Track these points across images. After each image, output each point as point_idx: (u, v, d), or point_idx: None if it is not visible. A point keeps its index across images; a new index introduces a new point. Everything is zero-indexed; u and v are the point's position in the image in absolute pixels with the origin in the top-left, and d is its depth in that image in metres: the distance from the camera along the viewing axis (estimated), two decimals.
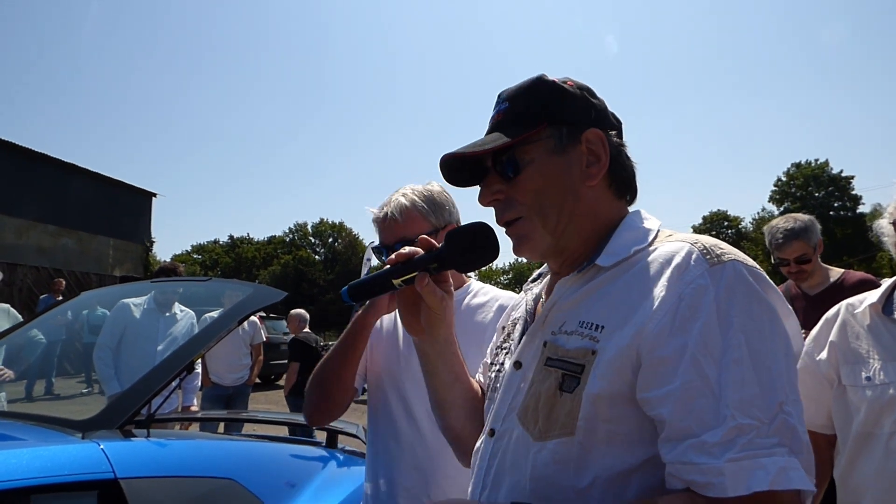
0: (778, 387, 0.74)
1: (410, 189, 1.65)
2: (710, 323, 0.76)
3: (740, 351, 0.75)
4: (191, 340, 2.27)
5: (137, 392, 2.02)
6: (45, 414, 2.12)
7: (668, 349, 0.77)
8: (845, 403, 1.69)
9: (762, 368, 0.75)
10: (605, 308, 0.86)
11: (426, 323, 1.04)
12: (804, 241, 2.94)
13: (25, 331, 3.65)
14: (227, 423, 5.27)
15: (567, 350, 0.87)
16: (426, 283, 0.97)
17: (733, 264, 0.80)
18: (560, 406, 0.85)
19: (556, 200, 0.94)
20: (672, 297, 0.79)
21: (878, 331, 1.65)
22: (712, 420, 0.72)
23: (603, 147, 0.94)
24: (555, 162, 0.94)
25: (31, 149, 19.01)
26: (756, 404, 0.72)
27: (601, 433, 0.81)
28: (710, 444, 0.71)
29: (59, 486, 1.51)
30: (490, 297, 1.68)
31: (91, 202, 21.44)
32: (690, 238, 0.86)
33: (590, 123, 0.95)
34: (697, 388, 0.74)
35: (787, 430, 0.73)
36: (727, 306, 0.77)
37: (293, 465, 2.21)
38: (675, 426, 0.75)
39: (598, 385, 0.81)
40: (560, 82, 0.97)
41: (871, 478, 1.59)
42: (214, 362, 5.68)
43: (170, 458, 1.83)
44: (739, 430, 0.71)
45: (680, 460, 0.74)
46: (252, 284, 2.64)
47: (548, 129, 0.94)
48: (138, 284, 5.65)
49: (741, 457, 0.70)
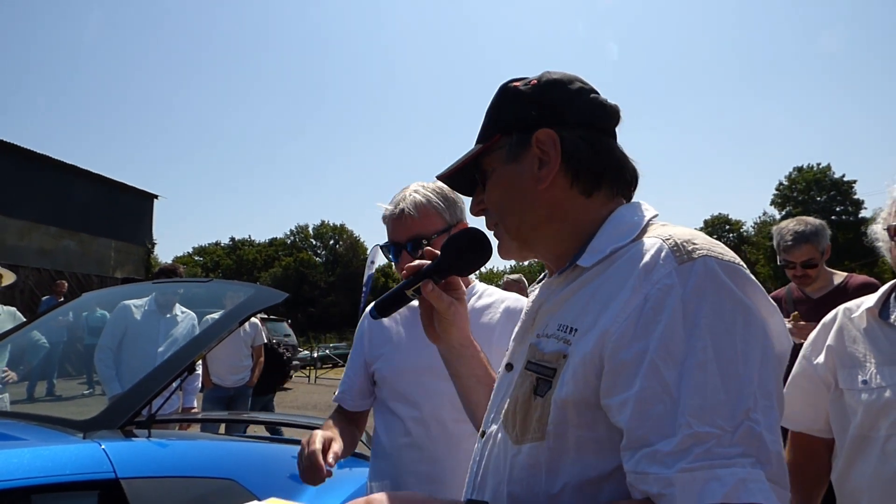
0: (746, 393, 0.69)
1: (422, 186, 1.65)
2: (673, 325, 0.71)
3: (705, 354, 0.69)
4: (192, 341, 2.27)
5: (138, 392, 2.02)
6: (46, 414, 2.12)
7: (628, 353, 0.73)
8: (842, 407, 1.69)
9: (729, 373, 0.69)
10: (579, 310, 0.84)
11: (439, 328, 1.10)
12: (813, 246, 2.92)
13: (27, 332, 3.65)
14: (228, 423, 5.27)
15: (543, 353, 0.86)
16: (430, 289, 1.03)
17: (704, 260, 0.74)
18: (533, 410, 0.83)
19: (514, 208, 0.95)
20: (638, 298, 0.75)
21: (875, 335, 1.66)
22: (669, 428, 0.68)
23: (554, 147, 0.90)
24: (509, 170, 0.94)
25: (32, 150, 19.06)
26: (719, 411, 0.67)
27: (571, 439, 0.79)
28: (664, 454, 0.67)
29: (61, 486, 1.51)
30: (495, 298, 1.69)
31: (93, 204, 21.48)
32: (665, 233, 0.81)
33: (541, 124, 0.92)
34: (655, 394, 0.70)
35: (753, 438, 0.67)
36: (695, 306, 0.72)
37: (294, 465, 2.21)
38: (632, 434, 0.71)
39: (565, 390, 0.79)
40: (523, 84, 0.96)
41: (868, 481, 1.60)
42: (216, 364, 5.68)
43: (170, 458, 1.83)
44: (696, 439, 0.66)
45: (635, 470, 0.70)
46: (253, 286, 2.64)
47: (502, 139, 0.96)
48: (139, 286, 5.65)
49: (695, 467, 0.65)
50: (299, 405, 12.21)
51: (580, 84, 0.95)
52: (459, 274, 1.07)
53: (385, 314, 1.08)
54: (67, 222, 20.39)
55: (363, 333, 1.76)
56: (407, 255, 1.56)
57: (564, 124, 0.92)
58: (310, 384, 17.22)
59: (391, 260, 1.64)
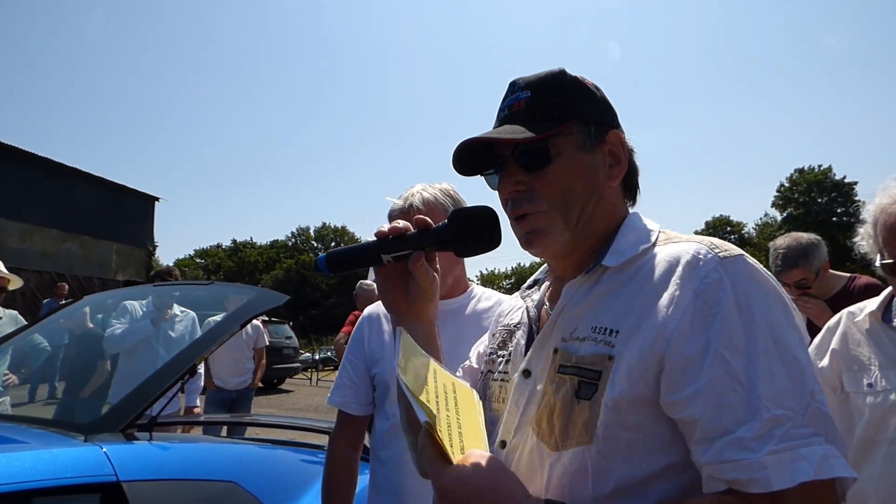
0: (807, 376, 0.73)
1: (429, 185, 1.67)
2: (730, 316, 0.75)
3: (766, 342, 0.73)
4: (194, 343, 2.27)
5: (140, 395, 2.03)
6: (48, 417, 2.12)
7: (691, 348, 0.75)
8: (848, 410, 1.70)
9: (789, 359, 0.73)
10: (617, 312, 0.84)
11: (414, 303, 1.00)
12: (803, 269, 2.82)
13: (28, 335, 3.65)
14: (230, 426, 5.27)
15: (581, 356, 0.84)
16: (421, 263, 0.94)
17: (742, 258, 0.80)
18: (578, 414, 0.82)
19: (582, 197, 0.92)
20: (688, 294, 0.78)
21: (879, 338, 1.67)
22: (745, 414, 0.70)
23: (623, 149, 0.96)
24: (583, 159, 0.93)
25: (34, 153, 19.11)
26: (788, 395, 0.71)
27: (621, 441, 0.78)
28: (748, 439, 0.69)
29: (62, 489, 1.51)
30: (494, 301, 1.68)
31: (94, 207, 21.53)
32: (697, 238, 0.86)
33: (611, 125, 0.97)
34: (725, 382, 0.72)
35: (822, 418, 0.71)
36: (746, 298, 0.76)
37: (295, 468, 2.21)
38: (707, 425, 0.72)
39: (617, 391, 0.78)
40: (581, 79, 0.97)
41: (874, 483, 1.60)
42: (218, 366, 5.68)
43: (172, 460, 1.83)
44: (775, 422, 0.69)
45: (718, 460, 0.71)
46: (255, 288, 2.65)
47: (577, 126, 0.93)
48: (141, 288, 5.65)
49: (781, 448, 0.68)
50: (301, 407, 12.21)
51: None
52: (459, 252, 0.96)
53: (340, 270, 0.95)
54: (69, 225, 20.43)
55: (362, 337, 1.75)
56: None
57: (622, 132, 0.98)
58: (311, 386, 17.22)
59: None
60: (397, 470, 1.59)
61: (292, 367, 16.44)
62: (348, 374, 1.72)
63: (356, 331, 1.77)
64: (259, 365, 6.01)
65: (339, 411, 1.73)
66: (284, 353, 15.64)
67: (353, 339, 1.76)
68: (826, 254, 2.89)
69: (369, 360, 1.71)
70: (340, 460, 1.70)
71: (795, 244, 2.86)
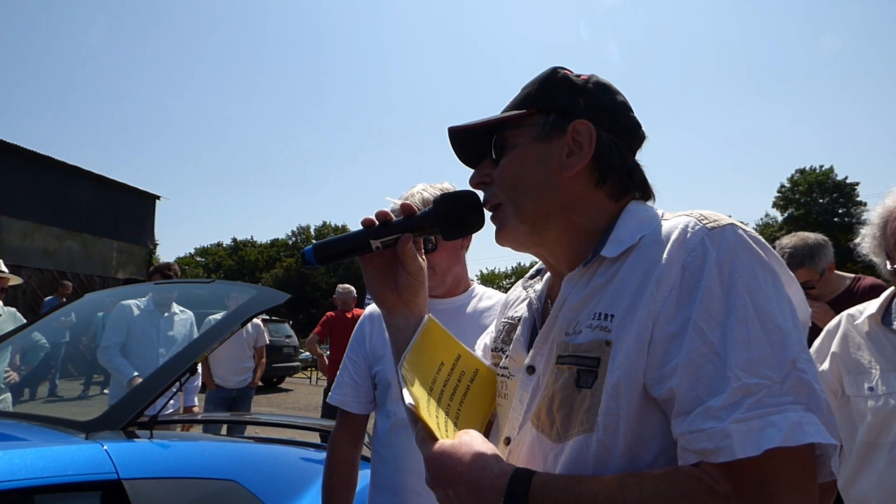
0: (789, 343, 0.71)
1: (430, 185, 1.67)
2: (711, 286, 0.74)
3: (745, 311, 0.72)
4: (194, 342, 2.27)
5: (140, 393, 2.03)
6: (48, 415, 2.12)
7: (674, 325, 0.74)
8: (849, 414, 1.69)
9: (771, 326, 0.71)
10: (611, 297, 0.83)
11: (404, 293, 1.00)
12: (809, 269, 2.80)
13: (29, 333, 3.66)
14: (231, 425, 5.27)
15: (579, 344, 0.83)
16: (409, 246, 0.96)
17: (732, 227, 0.78)
18: (579, 402, 0.81)
19: (531, 188, 0.91)
20: (676, 269, 0.77)
21: (879, 341, 1.66)
22: (719, 385, 0.69)
23: (589, 141, 0.89)
24: (535, 148, 0.91)
25: (35, 151, 19.10)
26: (766, 363, 0.69)
27: (621, 429, 0.77)
28: (716, 408, 0.68)
29: (63, 487, 1.51)
30: (495, 300, 1.68)
31: (95, 205, 21.53)
32: (688, 212, 0.84)
33: (583, 116, 0.90)
34: (703, 355, 0.71)
35: (803, 386, 0.69)
36: (730, 267, 0.74)
37: (296, 467, 2.22)
38: (683, 397, 0.72)
39: (617, 374, 0.77)
40: (573, 75, 0.95)
41: (875, 488, 1.59)
42: (218, 365, 5.68)
43: (172, 459, 1.83)
44: (746, 391, 0.68)
45: (689, 430, 0.70)
46: (255, 287, 2.64)
47: (537, 116, 0.92)
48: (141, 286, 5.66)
49: (748, 416, 0.66)
50: (300, 406, 12.22)
51: (624, 98, 0.97)
52: (445, 235, 0.97)
53: (328, 262, 0.94)
54: (70, 223, 20.42)
55: (364, 335, 1.75)
56: None
57: (603, 126, 0.91)
58: (311, 385, 17.22)
59: None
60: (398, 469, 1.59)
61: (292, 366, 16.45)
62: (349, 373, 1.72)
63: (357, 330, 1.77)
64: (259, 364, 6.01)
65: (340, 410, 1.73)
66: (284, 351, 15.64)
67: (355, 338, 1.77)
68: (832, 255, 2.85)
69: (371, 358, 1.71)
70: (341, 459, 1.70)
71: (802, 244, 2.82)
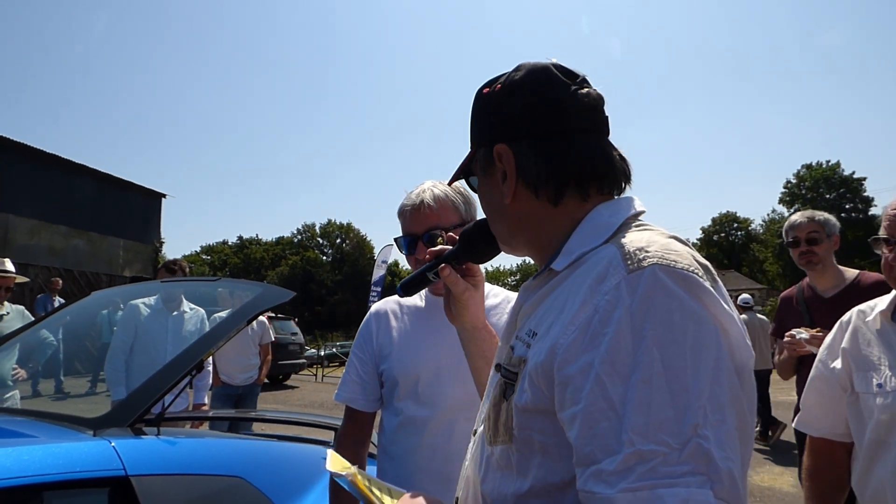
0: (695, 407, 0.65)
1: (440, 182, 1.67)
2: (619, 337, 0.69)
3: (652, 368, 0.67)
4: (200, 340, 2.28)
5: (148, 390, 2.04)
6: (56, 412, 2.13)
7: (575, 367, 0.71)
8: (859, 411, 1.68)
9: (677, 387, 0.66)
10: (543, 314, 0.83)
11: (455, 310, 1.19)
12: (819, 224, 2.95)
13: (36, 331, 3.67)
14: (237, 422, 5.29)
15: (512, 357, 0.86)
16: (447, 272, 1.12)
17: (653, 269, 0.71)
18: (503, 413, 0.84)
19: (493, 217, 0.99)
20: (588, 309, 0.73)
21: (889, 338, 1.65)
22: (614, 445, 0.66)
23: (509, 163, 0.89)
24: (485, 183, 0.98)
25: (42, 150, 19.17)
26: (664, 428, 0.65)
27: (535, 444, 0.79)
28: (608, 473, 0.65)
29: (71, 483, 1.52)
30: (501, 298, 1.69)
31: (102, 203, 21.60)
32: (625, 239, 0.78)
33: (501, 137, 0.91)
34: (601, 409, 0.68)
35: (702, 455, 0.64)
36: (642, 317, 0.69)
37: (302, 464, 2.22)
38: (580, 451, 0.69)
39: (523, 397, 0.79)
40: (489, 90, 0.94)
41: (887, 485, 1.58)
42: (224, 362, 5.70)
43: (180, 456, 1.84)
44: (640, 457, 0.64)
45: (583, 488, 0.68)
46: (261, 284, 2.65)
47: (477, 153, 0.97)
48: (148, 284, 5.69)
49: (637, 486, 0.63)
50: (306, 403, 12.26)
51: (545, 80, 0.89)
52: (474, 261, 1.16)
53: (409, 294, 1.21)
54: (76, 221, 20.49)
55: (370, 333, 1.75)
56: (423, 246, 1.57)
57: (520, 135, 0.89)
58: (317, 382, 17.27)
59: (404, 252, 1.65)
60: (405, 466, 1.59)
61: (298, 364, 16.50)
62: (356, 370, 1.72)
63: (364, 327, 1.78)
64: (265, 361, 6.03)
65: (347, 407, 1.73)
66: (290, 349, 15.68)
67: (361, 335, 1.76)
68: (838, 231, 2.99)
69: (377, 355, 1.71)
70: (347, 456, 1.70)
71: (809, 211, 3.06)
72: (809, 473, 1.85)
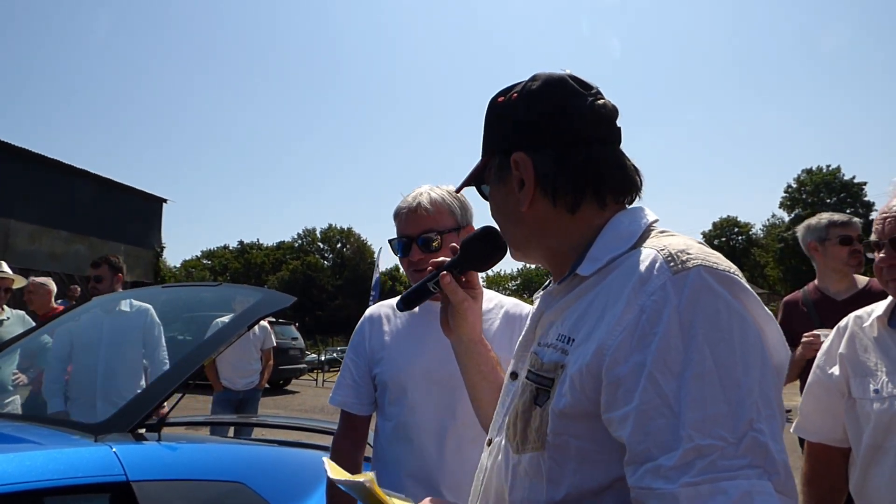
0: (748, 402, 0.67)
1: (437, 186, 1.68)
2: (669, 336, 0.70)
3: (704, 365, 0.68)
4: (201, 345, 2.28)
5: (148, 396, 2.04)
6: (58, 417, 2.14)
7: (626, 367, 0.72)
8: (856, 416, 1.68)
9: (730, 383, 0.68)
10: (576, 319, 0.84)
11: (452, 322, 1.15)
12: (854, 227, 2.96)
13: (37, 336, 3.68)
14: (238, 427, 5.29)
15: (543, 363, 0.86)
16: (448, 281, 1.10)
17: (698, 270, 0.73)
18: (533, 420, 0.83)
19: (505, 224, 1.00)
20: (633, 310, 0.74)
21: (886, 344, 1.66)
22: (671, 441, 0.67)
23: (527, 171, 0.91)
24: (498, 191, 0.98)
25: (43, 155, 19.24)
26: (721, 423, 0.66)
27: (571, 449, 0.78)
28: (667, 468, 0.66)
29: (72, 489, 1.52)
30: (495, 303, 1.69)
31: (102, 208, 21.67)
32: (660, 243, 0.80)
33: (518, 145, 0.92)
34: (655, 407, 0.68)
35: (759, 449, 0.66)
36: (690, 316, 0.70)
37: (303, 469, 2.22)
38: (634, 449, 0.70)
39: (563, 401, 0.79)
40: (504, 99, 0.96)
41: (884, 490, 1.59)
42: (225, 367, 5.71)
43: (180, 461, 1.84)
44: (698, 452, 0.65)
45: (639, 485, 0.69)
46: (262, 289, 2.65)
47: (491, 160, 0.98)
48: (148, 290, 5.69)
49: (699, 481, 0.64)
50: (307, 408, 12.24)
51: (563, 91, 0.92)
52: (476, 269, 1.16)
53: (410, 307, 1.17)
54: (77, 226, 20.56)
55: (364, 337, 1.75)
56: (417, 248, 1.58)
57: (538, 143, 0.91)
58: (317, 387, 17.25)
59: (398, 255, 1.65)
60: (399, 471, 1.60)
61: (298, 368, 16.49)
62: (350, 374, 1.73)
63: (357, 331, 1.78)
64: (266, 366, 6.03)
65: (342, 411, 1.74)
66: (290, 354, 15.67)
67: (355, 339, 1.77)
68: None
69: (370, 359, 1.71)
70: (343, 460, 1.71)
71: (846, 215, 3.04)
72: (807, 479, 1.85)
